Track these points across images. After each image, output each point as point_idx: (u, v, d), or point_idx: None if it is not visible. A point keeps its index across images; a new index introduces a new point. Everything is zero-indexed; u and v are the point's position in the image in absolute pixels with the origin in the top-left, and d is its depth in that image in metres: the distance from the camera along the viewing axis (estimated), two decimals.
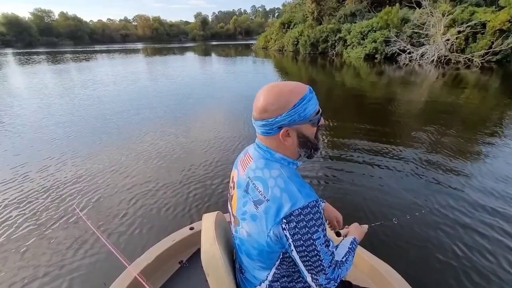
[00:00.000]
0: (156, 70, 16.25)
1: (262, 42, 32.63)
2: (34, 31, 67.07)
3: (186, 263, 1.57)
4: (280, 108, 0.72)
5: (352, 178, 3.37)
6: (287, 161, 0.80)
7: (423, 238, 2.33)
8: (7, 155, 4.29)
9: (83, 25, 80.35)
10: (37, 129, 5.49)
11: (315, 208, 0.71)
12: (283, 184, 0.74)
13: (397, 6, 17.76)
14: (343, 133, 4.95)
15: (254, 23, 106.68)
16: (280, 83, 0.76)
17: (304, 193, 0.72)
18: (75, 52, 34.89)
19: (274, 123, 0.73)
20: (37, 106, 7.51)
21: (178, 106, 7.12)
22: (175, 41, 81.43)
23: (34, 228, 2.62)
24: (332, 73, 13.66)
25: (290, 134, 0.76)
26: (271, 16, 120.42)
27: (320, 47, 21.89)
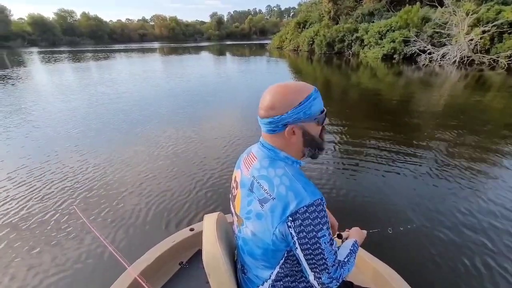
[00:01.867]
0: (171, 69, 16.55)
1: (276, 42, 32.51)
2: (57, 31, 69.89)
3: (186, 264, 1.56)
4: (286, 106, 0.74)
5: (361, 180, 3.30)
6: (291, 160, 0.81)
7: (428, 243, 2.27)
8: (16, 150, 4.49)
9: (103, 25, 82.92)
10: (50, 125, 5.72)
11: (320, 206, 0.72)
12: (288, 182, 0.74)
13: (417, 5, 17.21)
14: (357, 134, 4.85)
15: (269, 22, 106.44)
16: (287, 83, 0.77)
17: (310, 191, 0.73)
18: (95, 51, 36.08)
19: (279, 120, 0.75)
20: (57, 102, 7.82)
21: (187, 106, 7.20)
22: (190, 41, 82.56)
23: (33, 228, 2.61)
24: (348, 74, 13.42)
25: (295, 132, 0.77)
26: (286, 16, 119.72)
27: (336, 47, 21.57)
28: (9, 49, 47.07)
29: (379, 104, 7.03)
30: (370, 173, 3.48)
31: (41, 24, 67.27)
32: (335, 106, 6.92)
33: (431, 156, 3.89)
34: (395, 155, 3.95)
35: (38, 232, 2.57)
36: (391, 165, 3.65)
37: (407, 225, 2.42)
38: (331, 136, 4.77)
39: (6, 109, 7.03)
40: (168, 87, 10.05)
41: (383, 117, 5.86)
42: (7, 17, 61.66)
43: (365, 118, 5.90)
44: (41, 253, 2.31)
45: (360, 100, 7.80)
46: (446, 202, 2.82)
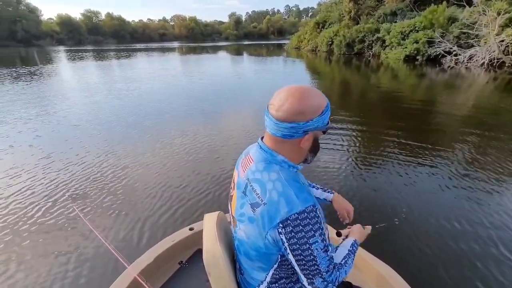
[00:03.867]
0: (188, 68, 16.84)
1: (294, 42, 32.29)
2: (83, 31, 73.08)
3: (186, 263, 1.56)
4: (311, 113, 0.72)
5: (376, 180, 3.20)
6: (288, 164, 0.79)
7: (429, 244, 2.20)
8: (25, 143, 4.71)
9: (126, 25, 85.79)
10: (61, 121, 5.96)
11: (312, 213, 0.71)
12: (281, 188, 0.73)
13: (444, 4, 16.52)
14: (375, 136, 4.72)
15: (287, 22, 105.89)
16: (306, 87, 0.74)
17: (302, 197, 0.72)
18: (118, 50, 37.37)
19: (303, 127, 0.72)
20: (78, 98, 8.17)
21: (198, 106, 7.28)
22: (208, 40, 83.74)
23: (31, 228, 2.57)
24: (368, 75, 13.09)
25: (309, 139, 0.76)
26: (304, 16, 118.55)
27: (355, 48, 21.12)
28: (39, 47, 49.73)
29: (400, 107, 6.80)
30: (385, 174, 3.37)
31: (68, 24, 70.57)
32: (353, 107, 6.78)
33: (451, 161, 3.71)
34: (413, 157, 3.81)
35: (37, 232, 2.53)
36: (407, 167, 3.52)
37: (416, 226, 2.37)
38: (350, 136, 4.67)
39: (31, 102, 7.42)
40: (182, 86, 10.23)
41: (403, 119, 5.65)
42: (38, 17, 65.16)
43: (384, 120, 5.73)
44: (40, 253, 2.28)
45: (379, 102, 7.58)
46: (459, 209, 2.69)
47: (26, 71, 15.08)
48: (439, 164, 3.64)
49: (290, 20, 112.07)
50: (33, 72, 14.49)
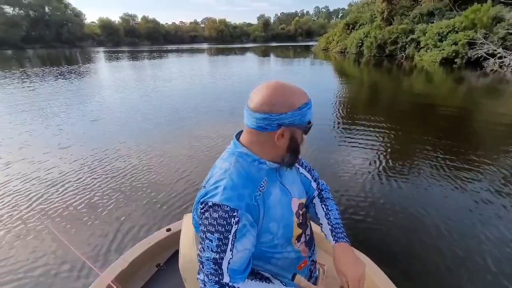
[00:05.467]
0: (215, 69, 17.24)
1: (323, 44, 31.72)
2: (121, 33, 77.86)
3: (164, 266, 1.52)
4: (287, 106, 0.71)
5: (401, 189, 3.05)
6: (252, 157, 0.76)
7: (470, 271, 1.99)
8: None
9: (160, 27, 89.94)
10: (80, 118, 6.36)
11: (226, 214, 0.68)
12: (222, 176, 0.73)
13: (488, 2, 15.28)
14: (404, 143, 4.50)
15: (315, 24, 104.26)
16: (287, 83, 0.75)
17: (227, 194, 0.69)
18: (151, 51, 39.28)
19: (276, 119, 0.71)
20: (110, 94, 8.72)
21: (210, 105, 7.41)
22: (237, 42, 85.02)
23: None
24: (399, 78, 12.51)
25: (284, 135, 0.73)
26: (334, 17, 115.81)
27: (387, 49, 20.25)
28: (81, 48, 53.83)
29: (433, 113, 6.40)
30: (412, 184, 3.20)
31: (108, 26, 75.60)
32: (383, 111, 6.50)
33: (491, 177, 3.39)
34: (446, 169, 3.55)
35: (1, 242, 2.38)
36: (438, 180, 3.29)
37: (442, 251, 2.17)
38: (377, 141, 4.50)
39: (69, 97, 8.07)
40: (205, 87, 10.50)
41: (437, 127, 5.30)
42: (82, 20, 70.59)
43: (416, 127, 5.42)
44: (5, 266, 2.13)
45: (411, 107, 7.20)
46: (498, 232, 2.47)
47: (68, 69, 16.43)
48: (476, 179, 3.31)
49: (319, 21, 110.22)
50: (74, 71, 15.74)
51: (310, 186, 0.98)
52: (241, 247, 0.70)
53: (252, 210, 0.72)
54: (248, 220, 0.71)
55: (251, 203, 0.72)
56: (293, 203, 0.85)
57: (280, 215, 0.79)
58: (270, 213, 0.77)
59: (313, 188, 0.99)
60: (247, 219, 0.70)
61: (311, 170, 1.01)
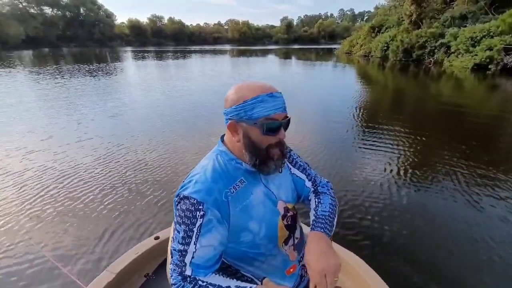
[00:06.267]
0: (236, 69, 17.40)
1: (346, 47, 31.12)
2: (148, 33, 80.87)
3: (153, 275, 1.46)
4: (234, 100, 0.73)
5: (422, 202, 2.88)
6: (229, 156, 0.78)
7: None
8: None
9: (185, 29, 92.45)
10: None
11: (192, 207, 0.69)
12: (197, 171, 0.76)
13: None
14: (428, 152, 4.27)
15: (339, 27, 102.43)
16: (251, 80, 0.77)
17: (196, 187, 0.71)
18: (175, 51, 40.42)
19: (226, 113, 0.75)
20: (135, 94, 9.04)
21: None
22: (259, 44, 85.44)
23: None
24: (426, 83, 11.96)
25: (238, 131, 0.75)
26: (359, 20, 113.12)
27: (414, 54, 19.45)
28: (110, 48, 56.47)
29: (463, 122, 6.03)
30: (431, 194, 3.03)
31: (137, 27, 78.83)
32: (407, 117, 6.21)
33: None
34: (473, 184, 3.31)
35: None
36: (463, 194, 3.07)
37: None
38: (400, 148, 4.32)
39: (94, 93, 8.47)
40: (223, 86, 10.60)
41: (466, 137, 4.98)
42: (113, 21, 74.13)
43: (442, 136, 5.12)
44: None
45: (438, 115, 6.83)
46: None
47: (97, 67, 17.30)
48: (508, 197, 3.08)
49: (343, 24, 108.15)
50: (101, 69, 16.53)
51: (304, 186, 0.93)
52: (205, 242, 0.70)
53: (221, 206, 0.72)
54: (214, 216, 0.71)
55: (219, 199, 0.72)
56: (279, 205, 0.83)
57: (261, 215, 0.78)
58: (249, 211, 0.76)
59: (308, 187, 0.93)
60: (214, 214, 0.70)
61: (306, 169, 0.95)
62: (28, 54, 31.74)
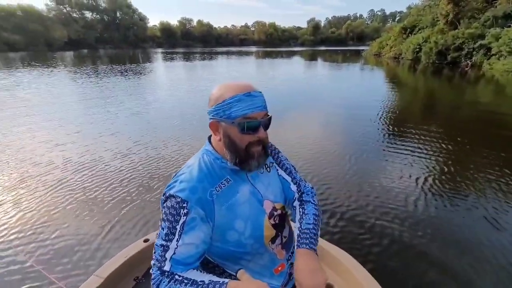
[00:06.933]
0: (261, 70, 17.47)
1: (375, 48, 29.98)
2: (178, 35, 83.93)
3: (142, 279, 1.42)
4: (214, 100, 0.75)
5: (452, 216, 2.68)
6: (215, 156, 0.79)
7: None
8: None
9: (213, 31, 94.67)
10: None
11: (177, 204, 0.71)
12: (183, 170, 0.78)
13: None
14: (461, 160, 3.98)
15: (369, 28, 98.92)
16: (234, 81, 0.78)
17: (181, 186, 0.72)
18: (203, 53, 41.51)
19: (208, 112, 0.77)
20: (160, 93, 9.40)
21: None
22: (284, 45, 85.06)
23: None
24: (462, 88, 11.18)
25: (219, 130, 0.76)
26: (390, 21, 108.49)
27: (449, 56, 18.24)
28: (143, 49, 59.36)
29: (502, 129, 5.52)
30: (468, 212, 2.81)
31: (167, 29, 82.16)
32: (438, 123, 5.76)
33: None
34: (504, 197, 3.06)
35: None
36: (501, 213, 2.84)
37: None
38: (429, 156, 4.07)
39: (122, 92, 8.93)
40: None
41: (505, 146, 4.57)
42: (146, 24, 77.90)
43: (478, 146, 4.69)
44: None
45: (474, 122, 6.28)
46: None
47: (129, 67, 18.27)
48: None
49: (372, 25, 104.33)
50: (133, 69, 17.43)
51: (289, 189, 0.93)
52: (188, 239, 0.71)
53: (205, 205, 0.73)
54: (198, 214, 0.72)
55: (204, 197, 0.73)
56: (265, 205, 0.83)
57: (247, 214, 0.79)
58: (235, 210, 0.77)
59: (293, 191, 0.93)
60: (197, 212, 0.72)
61: (292, 172, 0.95)
62: (69, 55, 34.38)
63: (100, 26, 66.93)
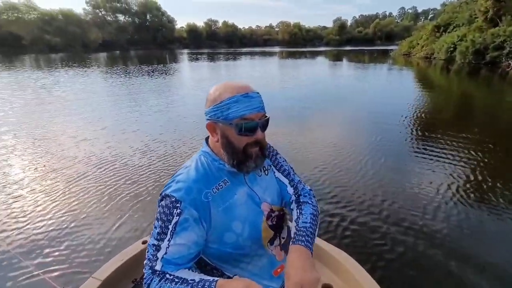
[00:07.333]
0: (282, 71, 17.34)
1: (404, 48, 28.62)
2: (203, 36, 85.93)
3: (141, 280, 1.40)
4: (211, 101, 0.74)
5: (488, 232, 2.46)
6: (212, 157, 0.79)
7: None
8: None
9: (237, 31, 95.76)
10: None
11: (171, 204, 0.71)
12: (180, 171, 0.78)
13: None
14: (500, 168, 3.67)
15: (398, 26, 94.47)
16: (230, 81, 0.77)
17: (177, 186, 0.73)
18: (227, 53, 42.11)
19: (205, 113, 0.77)
20: (181, 93, 9.64)
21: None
22: (309, 45, 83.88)
23: None
24: (503, 90, 10.35)
25: (216, 131, 0.76)
26: (422, 19, 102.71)
27: (488, 56, 16.94)
28: (170, 50, 61.48)
29: None
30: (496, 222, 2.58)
31: (194, 31, 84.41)
32: (474, 128, 5.35)
33: None
34: None
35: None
36: None
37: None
38: (461, 162, 3.80)
39: (148, 90, 9.28)
40: (261, 87, 10.61)
41: None
42: (173, 26, 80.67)
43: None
44: None
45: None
46: None
47: (156, 68, 19.00)
48: None
49: (402, 23, 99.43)
50: (159, 69, 18.10)
51: (286, 192, 0.91)
52: (179, 240, 0.70)
53: (199, 206, 0.72)
54: (191, 215, 0.71)
55: (199, 199, 0.72)
56: (263, 207, 0.82)
57: (245, 215, 0.78)
58: (232, 212, 0.76)
59: (289, 193, 0.91)
60: (190, 213, 0.71)
61: (290, 174, 0.93)
62: (103, 56, 36.48)
63: (131, 28, 70.32)
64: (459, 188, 3.16)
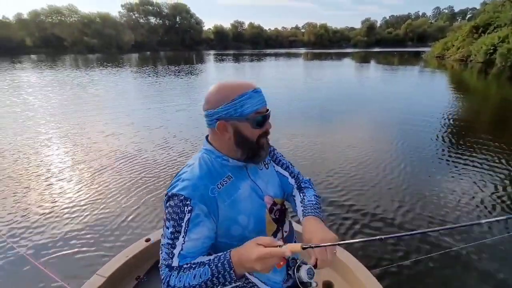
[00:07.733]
0: (307, 72, 17.16)
1: (438, 50, 27.04)
2: (229, 38, 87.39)
3: (144, 278, 1.44)
4: (219, 100, 0.75)
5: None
6: (216, 154, 0.81)
7: None
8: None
9: (263, 33, 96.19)
10: None
11: (180, 203, 0.72)
12: (184, 170, 0.80)
13: None
14: None
15: (432, 27, 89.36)
16: (230, 80, 0.79)
17: (183, 184, 0.74)
18: (252, 55, 42.50)
19: (213, 114, 0.77)
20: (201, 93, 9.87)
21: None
22: (335, 47, 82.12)
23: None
24: None
25: (228, 129, 0.77)
26: (459, 19, 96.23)
27: None
28: (197, 51, 63.28)
29: None
30: None
31: (220, 32, 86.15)
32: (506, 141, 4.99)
33: None
34: None
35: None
36: None
37: None
38: (497, 173, 3.56)
39: (174, 90, 9.62)
40: (283, 99, 10.53)
41: None
42: (201, 28, 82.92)
43: None
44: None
45: None
46: None
47: (183, 68, 19.67)
48: None
49: (437, 24, 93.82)
50: (186, 69, 18.71)
51: (287, 183, 0.97)
52: (194, 235, 0.73)
53: (208, 202, 0.74)
54: (201, 210, 0.73)
55: (206, 194, 0.75)
56: (265, 199, 0.86)
57: (249, 209, 0.81)
58: (238, 205, 0.79)
59: (291, 184, 0.97)
60: (201, 209, 0.73)
61: (289, 167, 0.99)
62: (134, 57, 38.41)
63: (161, 30, 73.35)
64: (485, 201, 2.96)
